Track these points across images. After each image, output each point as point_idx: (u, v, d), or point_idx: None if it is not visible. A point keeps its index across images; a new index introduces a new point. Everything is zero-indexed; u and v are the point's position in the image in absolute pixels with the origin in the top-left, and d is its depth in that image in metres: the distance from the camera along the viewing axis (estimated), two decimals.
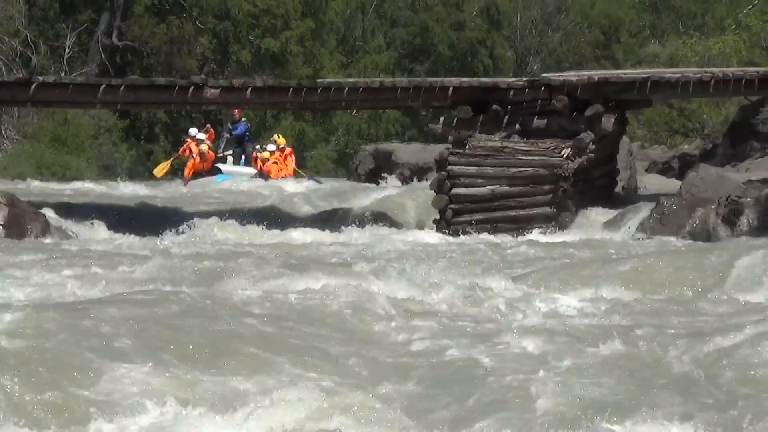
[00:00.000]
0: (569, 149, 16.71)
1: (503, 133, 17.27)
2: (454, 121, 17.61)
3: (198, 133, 27.73)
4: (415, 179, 25.15)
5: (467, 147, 16.95)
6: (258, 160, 27.94)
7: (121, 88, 17.72)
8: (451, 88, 17.76)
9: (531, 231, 16.07)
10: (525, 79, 18.71)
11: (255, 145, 29.22)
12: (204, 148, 27.21)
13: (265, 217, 17.37)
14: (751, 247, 10.55)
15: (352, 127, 41.52)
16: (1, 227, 14.10)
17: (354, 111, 33.92)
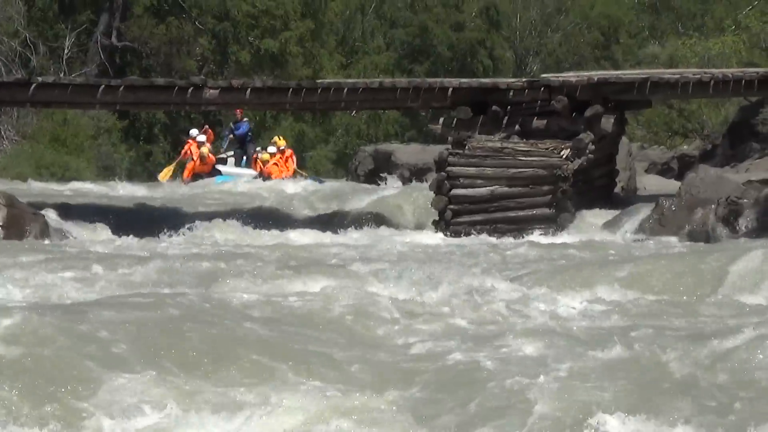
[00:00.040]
0: (569, 150, 16.71)
1: (503, 134, 17.26)
2: (454, 122, 17.61)
3: (198, 134, 27.58)
4: (415, 180, 25.11)
5: (467, 148, 16.94)
6: (258, 162, 27.84)
7: (121, 89, 17.70)
8: (450, 89, 17.75)
9: (531, 232, 16.06)
10: (524, 79, 18.71)
11: (256, 147, 29.10)
12: (204, 150, 26.97)
13: (264, 218, 17.36)
14: (751, 248, 10.55)
15: (352, 128, 41.46)
16: (0, 228, 14.09)
17: (353, 111, 33.85)
